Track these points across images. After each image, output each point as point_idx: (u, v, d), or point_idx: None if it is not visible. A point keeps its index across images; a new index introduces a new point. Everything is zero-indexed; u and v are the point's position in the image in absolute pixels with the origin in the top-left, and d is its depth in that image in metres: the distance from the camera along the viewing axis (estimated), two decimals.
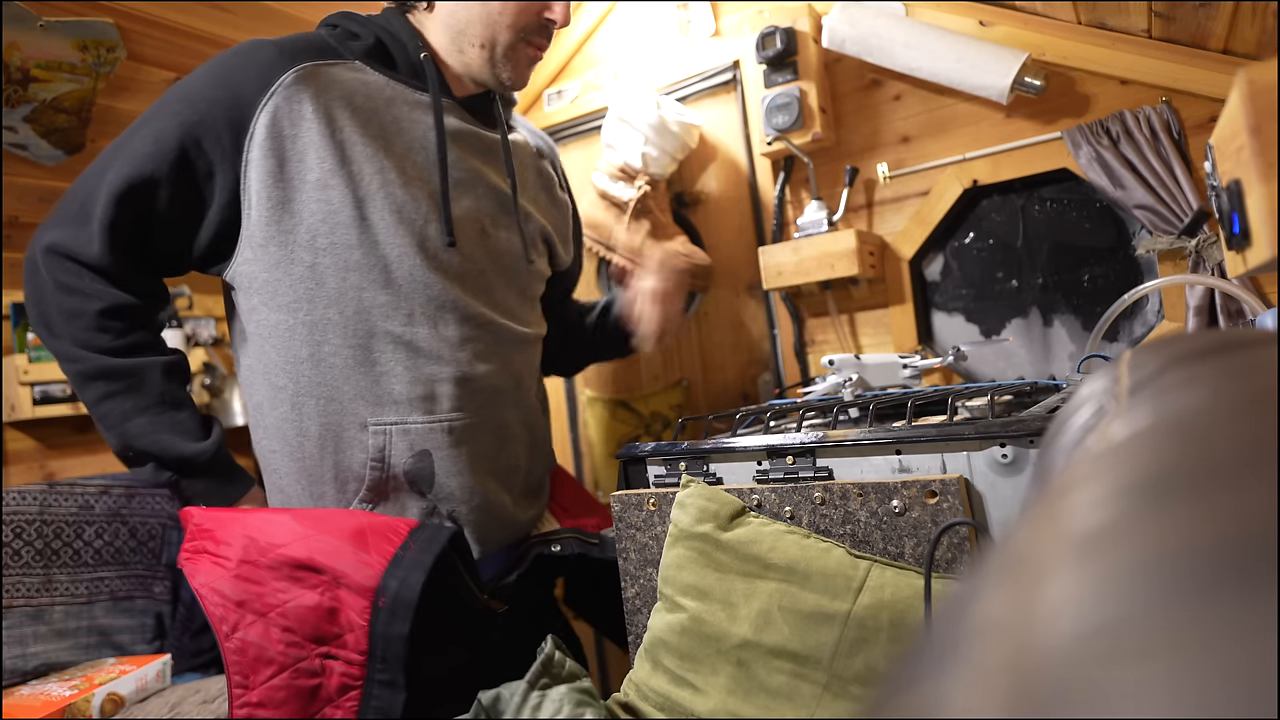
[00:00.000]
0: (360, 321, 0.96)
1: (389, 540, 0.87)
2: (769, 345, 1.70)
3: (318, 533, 0.87)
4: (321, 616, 0.85)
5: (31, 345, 1.67)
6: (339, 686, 0.85)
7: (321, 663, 0.86)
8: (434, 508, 1.00)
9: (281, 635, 0.86)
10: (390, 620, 0.83)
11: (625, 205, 1.67)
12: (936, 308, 1.55)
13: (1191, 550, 0.16)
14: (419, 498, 0.99)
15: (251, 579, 0.87)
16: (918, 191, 1.51)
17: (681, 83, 1.74)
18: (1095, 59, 1.32)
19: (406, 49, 1.00)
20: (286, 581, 0.86)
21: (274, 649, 0.86)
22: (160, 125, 0.92)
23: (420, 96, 1.00)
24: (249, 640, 0.86)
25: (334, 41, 0.99)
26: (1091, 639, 0.14)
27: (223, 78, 0.93)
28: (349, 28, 1.01)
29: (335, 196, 0.93)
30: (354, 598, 0.85)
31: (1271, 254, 0.49)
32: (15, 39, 1.26)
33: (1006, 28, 1.39)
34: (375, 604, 0.84)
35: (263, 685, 0.86)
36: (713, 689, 0.78)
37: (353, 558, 0.85)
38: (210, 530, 0.92)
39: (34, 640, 1.53)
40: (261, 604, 0.87)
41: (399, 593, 0.84)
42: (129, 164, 0.92)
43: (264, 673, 0.86)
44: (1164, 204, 1.23)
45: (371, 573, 0.85)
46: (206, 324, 2.05)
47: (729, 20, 1.69)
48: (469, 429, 1.02)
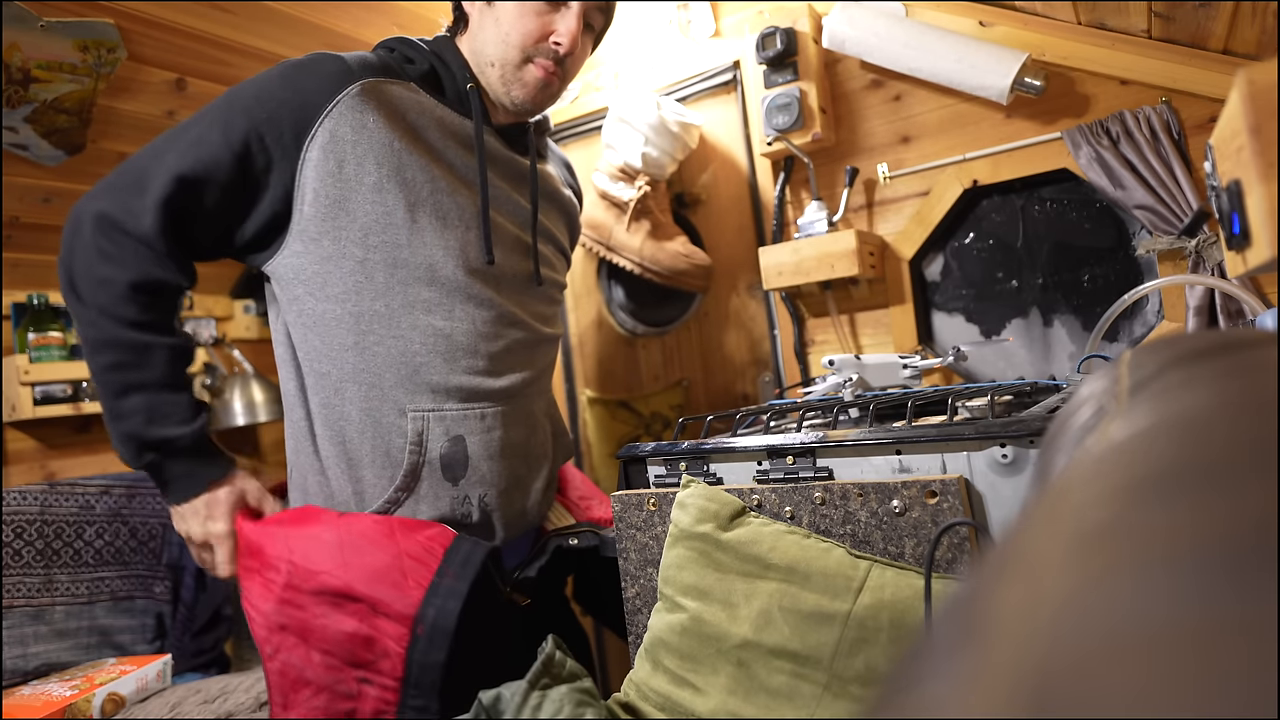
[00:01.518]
0: (405, 314, 1.01)
1: (426, 565, 0.91)
2: (769, 345, 1.70)
3: (357, 559, 0.91)
4: (359, 643, 0.90)
5: (32, 345, 1.67)
6: (374, 710, 0.90)
7: (358, 687, 0.90)
8: (465, 495, 1.04)
9: (321, 659, 0.90)
10: (428, 648, 0.88)
11: (625, 205, 1.67)
12: (936, 308, 1.55)
13: (1192, 550, 0.16)
14: (451, 485, 1.03)
15: (294, 604, 0.92)
16: (918, 192, 1.51)
17: (682, 83, 1.74)
18: (1095, 59, 1.32)
19: (455, 79, 1.07)
20: (327, 607, 0.91)
21: (312, 671, 0.90)
22: (229, 118, 0.96)
23: (464, 122, 1.07)
24: (290, 663, 0.92)
25: (393, 63, 1.05)
26: (1092, 638, 0.14)
27: (294, 82, 0.99)
28: (405, 53, 1.07)
29: (390, 200, 0.99)
30: (392, 625, 0.89)
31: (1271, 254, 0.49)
32: (16, 39, 1.26)
33: (1006, 28, 1.39)
34: (414, 632, 0.89)
35: (301, 705, 0.91)
36: (713, 689, 0.78)
37: (390, 587, 0.90)
38: (260, 548, 0.97)
39: (34, 640, 1.53)
40: (303, 628, 0.91)
41: (436, 621, 0.88)
42: (194, 148, 0.96)
43: (302, 693, 0.91)
44: (1164, 204, 1.23)
45: (409, 600, 0.89)
46: (207, 324, 2.05)
47: (729, 20, 1.69)
48: (500, 416, 1.07)
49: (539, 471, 1.14)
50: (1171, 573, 0.15)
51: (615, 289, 1.91)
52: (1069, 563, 0.18)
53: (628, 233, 1.69)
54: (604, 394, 1.90)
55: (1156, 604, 0.14)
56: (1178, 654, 0.13)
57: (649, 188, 1.65)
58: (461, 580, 0.90)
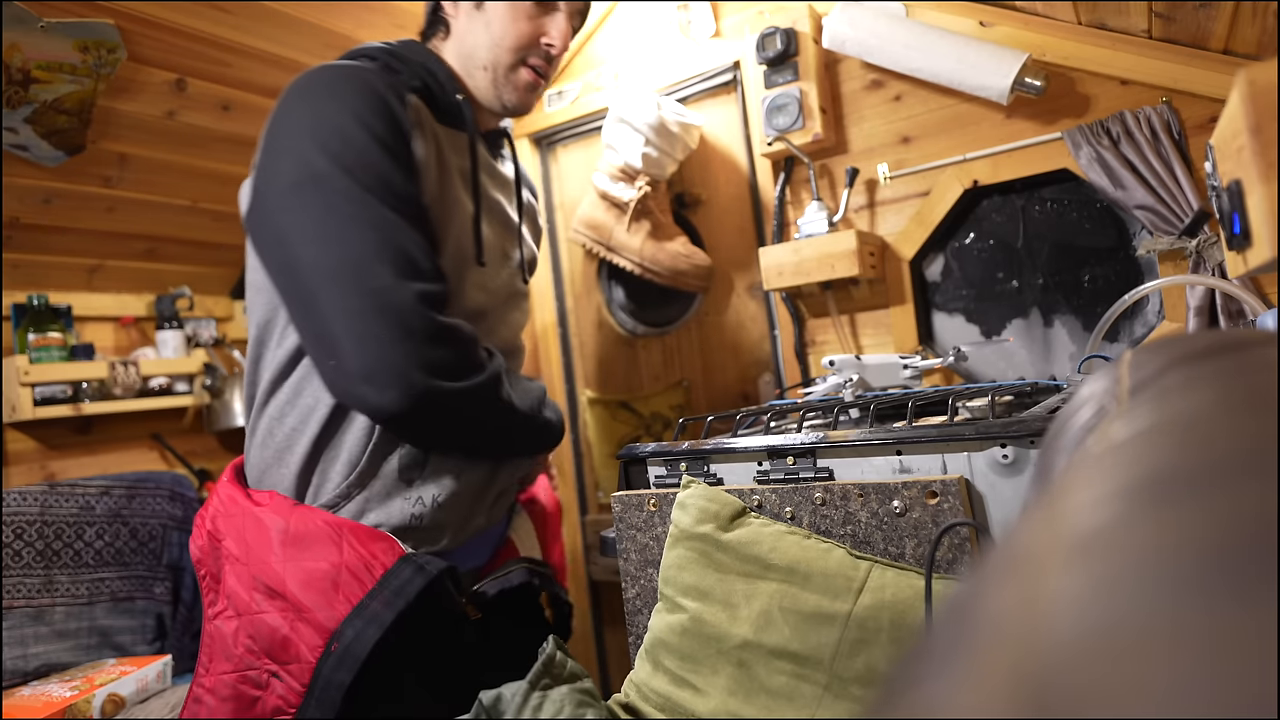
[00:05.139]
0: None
1: (361, 582, 0.90)
2: (769, 346, 1.70)
3: (297, 559, 0.91)
4: (278, 640, 0.90)
5: (32, 346, 1.67)
6: (274, 708, 0.90)
7: (267, 679, 0.91)
8: (419, 496, 1.03)
9: (246, 641, 0.92)
10: (336, 667, 0.87)
11: (625, 206, 1.67)
12: (937, 308, 1.55)
13: (1192, 550, 0.16)
14: (406, 485, 1.02)
15: (241, 580, 0.93)
16: (918, 192, 1.51)
17: (682, 83, 1.74)
18: (1095, 59, 1.32)
19: (445, 89, 1.07)
20: (262, 596, 0.92)
21: (236, 649, 0.92)
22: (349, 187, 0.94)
23: (457, 135, 1.08)
24: (222, 632, 0.93)
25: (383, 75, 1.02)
26: (1092, 639, 0.14)
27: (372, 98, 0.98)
28: (388, 63, 1.04)
29: (468, 206, 1.05)
30: (310, 633, 0.89)
31: (1272, 254, 0.49)
32: (16, 40, 1.26)
33: (1007, 28, 1.39)
34: (328, 646, 0.88)
35: (217, 675, 0.93)
36: (713, 690, 0.78)
37: (318, 595, 0.89)
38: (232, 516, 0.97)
39: (35, 641, 1.53)
40: (240, 607, 0.93)
41: (351, 643, 0.87)
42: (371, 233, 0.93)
43: (222, 665, 0.93)
44: (1164, 204, 1.23)
45: (333, 615, 0.89)
46: (207, 324, 2.05)
47: (729, 21, 1.69)
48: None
49: (496, 476, 1.13)
50: (1172, 573, 0.15)
51: (615, 289, 1.91)
52: (1069, 563, 0.18)
53: (628, 233, 1.69)
54: (604, 394, 1.90)
55: (1157, 605, 0.14)
56: (1178, 655, 0.13)
57: (649, 188, 1.65)
58: (389, 608, 0.88)
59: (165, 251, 1.92)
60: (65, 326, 1.75)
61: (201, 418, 2.06)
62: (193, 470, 2.00)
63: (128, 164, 1.63)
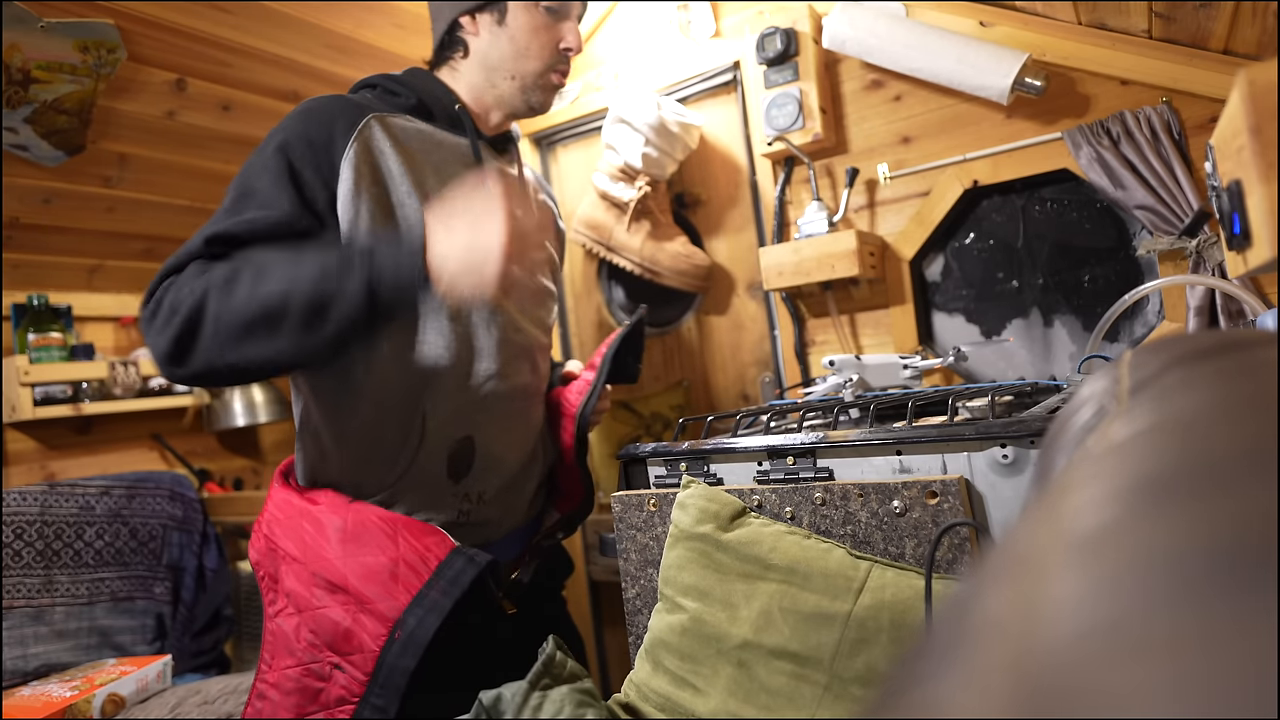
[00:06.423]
0: (419, 317, 1.06)
1: (418, 574, 0.96)
2: (769, 346, 1.70)
3: (356, 553, 0.96)
4: (340, 633, 0.95)
5: (32, 346, 1.67)
6: (338, 697, 0.95)
7: (330, 671, 0.96)
8: (465, 492, 1.07)
9: (308, 635, 0.97)
10: (401, 653, 0.92)
11: (625, 206, 1.67)
12: (937, 308, 1.55)
13: (1192, 550, 0.16)
14: (453, 482, 1.06)
15: (298, 577, 0.98)
16: (918, 192, 1.51)
17: (682, 83, 1.74)
18: (1095, 59, 1.32)
19: (442, 102, 1.13)
20: (323, 592, 0.97)
21: (298, 644, 0.97)
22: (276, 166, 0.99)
23: (459, 140, 1.14)
24: (284, 630, 0.99)
25: (383, 99, 1.11)
26: (1092, 639, 0.14)
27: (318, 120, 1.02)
28: (389, 87, 1.12)
29: (410, 214, 1.04)
30: (373, 623, 0.94)
31: (1272, 254, 0.49)
32: (16, 40, 1.26)
33: (1007, 28, 1.39)
34: (391, 634, 0.93)
35: (280, 670, 0.98)
36: (713, 690, 0.78)
37: (379, 586, 0.95)
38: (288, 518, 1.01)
39: (35, 641, 1.53)
40: (300, 603, 0.98)
41: (414, 630, 0.92)
42: (260, 209, 0.99)
43: (284, 660, 0.98)
44: (1164, 204, 1.23)
45: (395, 604, 0.94)
46: None
47: (729, 21, 1.69)
48: (506, 417, 1.11)
49: (533, 470, 1.19)
50: (1172, 573, 0.15)
51: (615, 289, 1.91)
52: (1069, 564, 0.18)
53: (628, 233, 1.69)
54: None
55: (1157, 605, 0.14)
56: (1177, 655, 0.13)
57: (649, 188, 1.65)
58: (447, 596, 0.93)
59: (165, 251, 1.92)
60: (65, 326, 1.75)
61: (201, 418, 2.06)
62: (192, 470, 2.00)
63: (128, 164, 1.63)
